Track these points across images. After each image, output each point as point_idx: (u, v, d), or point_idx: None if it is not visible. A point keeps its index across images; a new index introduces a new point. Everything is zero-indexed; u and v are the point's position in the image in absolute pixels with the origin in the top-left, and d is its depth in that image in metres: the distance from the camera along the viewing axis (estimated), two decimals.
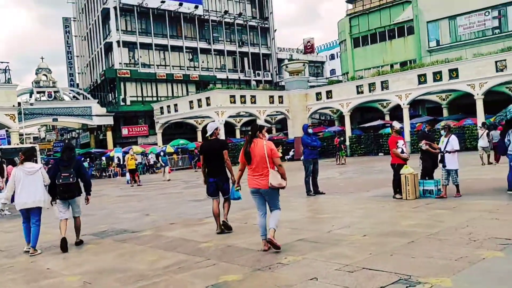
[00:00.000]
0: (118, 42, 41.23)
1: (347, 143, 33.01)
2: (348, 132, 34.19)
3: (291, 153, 34.74)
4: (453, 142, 9.47)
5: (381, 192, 11.17)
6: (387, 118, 36.67)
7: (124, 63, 41.50)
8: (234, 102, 33.61)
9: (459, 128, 28.22)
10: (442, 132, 9.88)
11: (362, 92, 32.98)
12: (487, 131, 16.97)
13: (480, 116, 26.65)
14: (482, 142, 17.06)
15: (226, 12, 47.71)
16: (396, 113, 34.53)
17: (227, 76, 47.64)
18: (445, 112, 34.75)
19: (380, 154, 31.13)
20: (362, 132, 35.66)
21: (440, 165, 9.65)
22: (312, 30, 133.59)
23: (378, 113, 38.12)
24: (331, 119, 44.23)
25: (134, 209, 12.15)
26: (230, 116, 36.77)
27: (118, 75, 39.70)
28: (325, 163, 26.84)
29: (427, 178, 10.00)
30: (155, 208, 11.97)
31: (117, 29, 41.41)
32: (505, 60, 26.09)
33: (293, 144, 34.48)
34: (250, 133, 6.19)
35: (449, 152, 9.43)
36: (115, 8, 41.27)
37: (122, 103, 39.83)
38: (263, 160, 5.86)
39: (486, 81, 26.76)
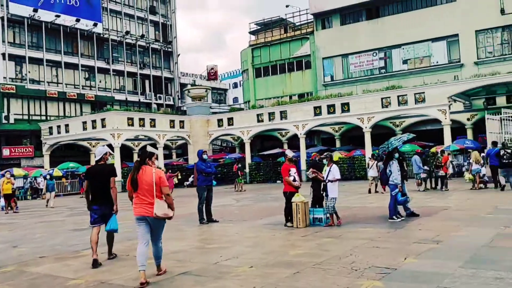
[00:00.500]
0: (3, 54, 37.57)
1: (247, 170, 33.35)
2: (248, 159, 34.57)
3: (190, 179, 34.00)
4: (334, 171, 9.67)
5: (274, 220, 11.14)
6: (286, 146, 37.78)
7: (10, 78, 37.82)
8: (132, 125, 32.24)
9: (350, 158, 30.02)
10: (324, 161, 10.11)
11: (262, 121, 33.77)
12: (376, 161, 18.14)
13: (368, 148, 28.64)
14: (372, 172, 18.23)
15: (127, 32, 46.27)
16: (293, 142, 35.80)
17: (126, 98, 45.78)
18: (338, 143, 36.83)
19: (278, 181, 31.78)
20: (262, 160, 36.32)
21: (324, 193, 9.84)
22: (217, 58, 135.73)
23: (277, 142, 39.21)
24: (232, 146, 44.53)
25: (1, 240, 10.64)
26: (128, 140, 35.14)
27: (2, 90, 35.97)
28: (224, 189, 26.73)
29: (317, 206, 10.18)
30: (28, 238, 10.61)
31: (3, 41, 37.78)
32: (389, 97, 28.53)
33: (193, 170, 33.84)
34: (138, 159, 5.93)
35: (331, 181, 9.64)
36: (2, 18, 37.75)
37: (4, 121, 35.99)
38: (151, 188, 5.65)
39: (373, 115, 28.94)
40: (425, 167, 17.80)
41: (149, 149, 6.16)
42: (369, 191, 18.02)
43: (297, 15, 43.67)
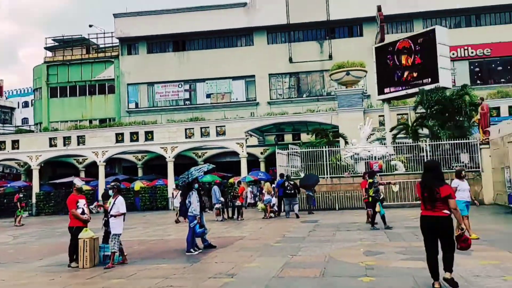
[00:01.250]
0: None
1: (34, 200, 29.29)
2: (36, 188, 30.46)
3: None
4: (119, 204, 8.73)
5: (58, 259, 9.64)
6: (83, 174, 34.85)
7: None
8: None
9: (152, 188, 29.27)
10: (110, 192, 9.11)
11: (55, 145, 30.45)
12: (180, 191, 17.88)
13: (171, 177, 28.41)
14: (176, 201, 17.96)
15: None
16: (92, 170, 33.17)
17: None
18: (140, 172, 35.65)
19: None
20: (53, 189, 32.46)
21: (106, 229, 8.89)
22: (8, 74, 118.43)
23: (73, 169, 35.75)
24: (17, 172, 38.78)
25: None
26: None
27: None
28: (3, 223, 23.02)
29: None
30: None
31: None
32: (193, 128, 29.15)
33: None
34: None
35: (114, 216, 8.62)
36: None
37: None
38: None
39: (177, 145, 29.05)
40: (221, 198, 18.33)
41: None
42: (176, 220, 17.72)
43: (102, 37, 41.64)
